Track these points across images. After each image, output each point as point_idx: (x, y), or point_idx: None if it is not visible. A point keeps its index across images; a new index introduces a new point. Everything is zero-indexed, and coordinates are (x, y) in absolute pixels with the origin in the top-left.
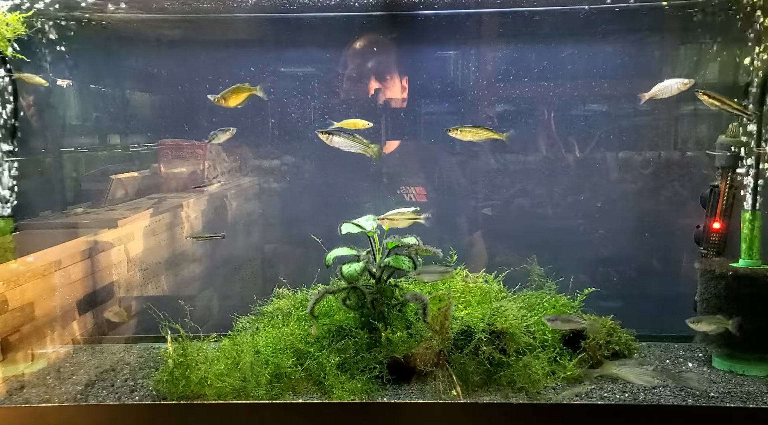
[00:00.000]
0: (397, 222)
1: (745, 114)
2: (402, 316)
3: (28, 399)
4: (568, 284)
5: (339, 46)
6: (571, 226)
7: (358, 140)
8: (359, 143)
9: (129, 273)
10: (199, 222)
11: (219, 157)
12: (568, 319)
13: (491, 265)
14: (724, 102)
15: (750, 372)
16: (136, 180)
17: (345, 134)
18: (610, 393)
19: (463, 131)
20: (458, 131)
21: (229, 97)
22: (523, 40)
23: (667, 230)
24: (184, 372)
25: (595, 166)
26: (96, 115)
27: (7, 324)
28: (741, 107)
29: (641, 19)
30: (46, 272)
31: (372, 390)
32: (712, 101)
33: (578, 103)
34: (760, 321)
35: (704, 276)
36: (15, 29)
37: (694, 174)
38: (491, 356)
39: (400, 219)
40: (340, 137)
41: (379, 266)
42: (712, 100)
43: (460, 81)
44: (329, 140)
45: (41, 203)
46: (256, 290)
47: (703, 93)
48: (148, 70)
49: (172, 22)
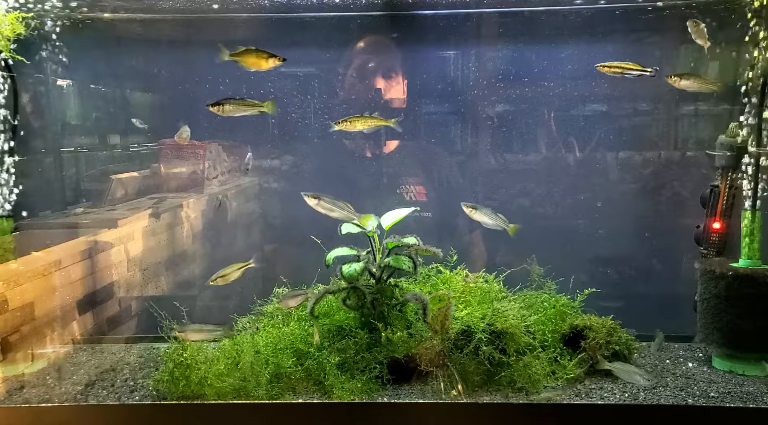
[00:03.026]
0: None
1: (714, 90)
2: (402, 316)
3: (28, 399)
4: (568, 284)
5: (339, 46)
6: (571, 226)
7: (249, 103)
8: (250, 105)
9: (129, 273)
10: (199, 222)
11: (219, 157)
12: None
13: (491, 265)
14: (697, 79)
15: (750, 372)
16: (136, 180)
17: (234, 101)
18: (610, 393)
19: (351, 122)
20: (347, 123)
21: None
22: (523, 40)
23: (667, 230)
24: (184, 372)
25: (595, 166)
26: (96, 115)
27: (7, 324)
28: (711, 82)
29: (641, 19)
30: (46, 272)
31: (372, 390)
32: (685, 83)
33: (578, 103)
34: (760, 321)
35: (704, 276)
36: (14, 29)
37: (694, 174)
38: (491, 356)
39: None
40: (231, 104)
41: (379, 266)
42: (685, 81)
43: (460, 81)
44: (221, 110)
45: (41, 203)
46: (256, 290)
47: (675, 75)
48: (148, 70)
49: (172, 22)
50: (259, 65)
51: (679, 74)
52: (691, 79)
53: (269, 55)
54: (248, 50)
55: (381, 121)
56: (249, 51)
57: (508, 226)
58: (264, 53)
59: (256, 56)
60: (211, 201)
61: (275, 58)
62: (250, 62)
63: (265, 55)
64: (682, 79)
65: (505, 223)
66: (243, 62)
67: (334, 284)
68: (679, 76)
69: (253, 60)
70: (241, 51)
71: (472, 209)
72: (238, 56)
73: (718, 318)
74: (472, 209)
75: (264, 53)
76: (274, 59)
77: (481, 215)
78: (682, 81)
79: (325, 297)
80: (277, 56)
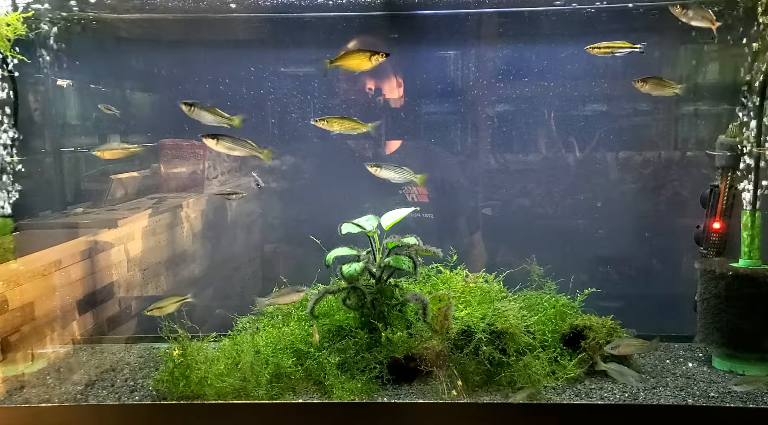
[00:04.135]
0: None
1: (676, 93)
2: (402, 316)
3: (28, 399)
4: (568, 284)
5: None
6: (571, 226)
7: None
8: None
9: (129, 273)
10: (199, 222)
11: (219, 157)
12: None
13: (491, 265)
14: (659, 82)
15: (750, 372)
16: (136, 180)
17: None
18: (610, 393)
19: (329, 121)
20: (324, 121)
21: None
22: (523, 40)
23: (667, 230)
24: (184, 372)
25: (595, 166)
26: (96, 115)
27: (7, 324)
28: (673, 85)
29: (641, 19)
30: (46, 272)
31: (372, 390)
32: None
33: (578, 103)
34: (760, 321)
35: (704, 276)
36: (15, 29)
37: (694, 174)
38: (491, 356)
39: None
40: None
41: (379, 266)
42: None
43: (460, 81)
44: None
45: (41, 203)
46: (256, 290)
47: (640, 80)
48: (148, 70)
49: (172, 22)
50: (362, 66)
51: (643, 79)
52: (652, 83)
53: (371, 53)
54: (349, 53)
55: (358, 124)
56: (350, 53)
57: (416, 177)
58: (366, 53)
59: (358, 57)
60: (212, 201)
61: (377, 54)
62: (353, 64)
63: (367, 54)
64: (647, 83)
65: (412, 174)
66: (346, 66)
67: (334, 284)
68: (644, 80)
69: (356, 61)
70: (341, 56)
71: (377, 167)
72: (340, 61)
73: (718, 318)
74: (377, 168)
75: (366, 53)
76: (376, 56)
77: (387, 173)
78: (647, 85)
79: (325, 297)
80: (379, 53)
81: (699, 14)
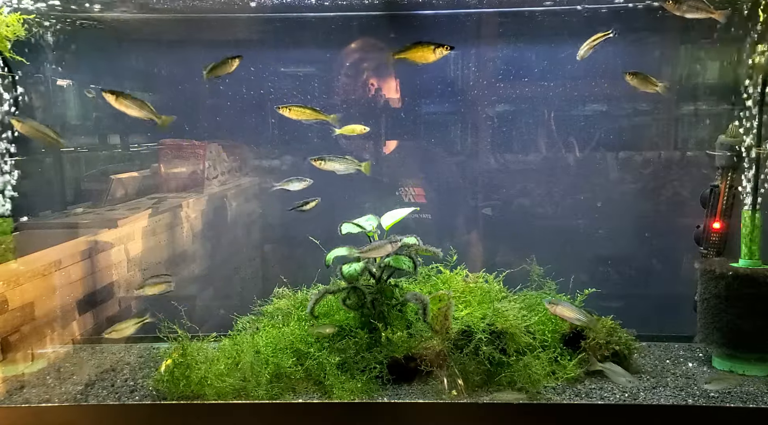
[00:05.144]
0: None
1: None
2: (402, 316)
3: (28, 399)
4: (568, 284)
5: (339, 46)
6: (571, 226)
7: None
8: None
9: (129, 273)
10: (199, 222)
11: (219, 157)
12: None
13: (491, 265)
14: (644, 79)
15: (750, 372)
16: (136, 180)
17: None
18: (610, 393)
19: (292, 110)
20: (288, 109)
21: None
22: (523, 40)
23: (667, 230)
24: (184, 372)
25: (595, 166)
26: (96, 115)
27: (7, 324)
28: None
29: (641, 19)
30: (46, 272)
31: (372, 390)
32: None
33: (578, 103)
34: (760, 321)
35: (704, 276)
36: (15, 30)
37: (694, 174)
38: (491, 356)
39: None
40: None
41: (379, 266)
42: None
43: (460, 81)
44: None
45: (41, 203)
46: (256, 290)
47: (630, 73)
48: (148, 70)
49: (172, 22)
50: (426, 58)
51: (633, 73)
52: (640, 78)
53: (436, 46)
54: (413, 45)
55: (321, 115)
56: (414, 46)
57: (360, 165)
58: (430, 45)
59: (423, 50)
60: (212, 201)
61: (442, 47)
62: (418, 57)
63: (432, 46)
64: (636, 77)
65: (356, 163)
66: (410, 58)
67: (334, 284)
68: (633, 74)
69: (420, 54)
70: (406, 48)
71: (321, 160)
72: (404, 53)
73: (718, 318)
74: (321, 161)
75: (430, 45)
76: (441, 49)
77: (331, 164)
78: (635, 79)
79: (325, 297)
80: (443, 45)
81: (693, 6)
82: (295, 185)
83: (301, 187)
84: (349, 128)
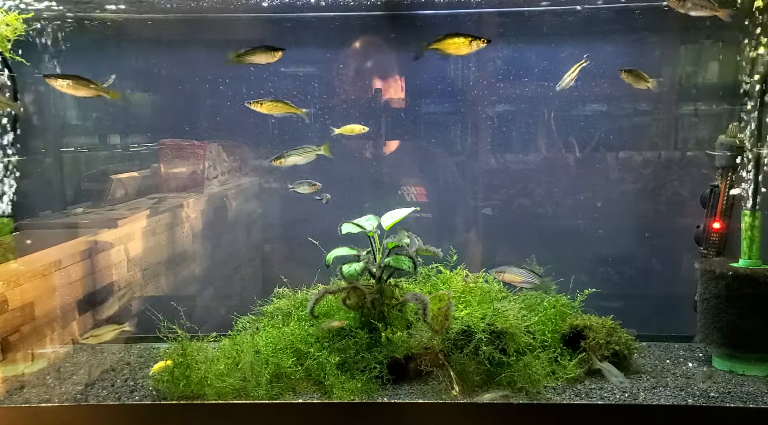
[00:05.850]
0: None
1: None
2: (402, 316)
3: (28, 399)
4: (568, 284)
5: (339, 46)
6: (571, 226)
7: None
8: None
9: (129, 273)
10: (199, 222)
11: (219, 157)
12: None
13: (492, 265)
14: (637, 77)
15: (750, 372)
16: (136, 180)
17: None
18: (610, 393)
19: (263, 104)
20: (258, 104)
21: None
22: (523, 40)
23: (667, 230)
24: (184, 372)
25: (595, 166)
26: (96, 115)
27: (7, 324)
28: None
29: (641, 19)
30: (46, 272)
31: (372, 390)
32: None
33: (578, 103)
34: (760, 321)
35: (704, 276)
36: (15, 29)
37: (694, 174)
38: (491, 356)
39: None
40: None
41: (379, 266)
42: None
43: (460, 81)
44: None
45: (41, 203)
46: (256, 290)
47: (624, 70)
48: (148, 70)
49: (172, 22)
50: (460, 50)
51: (627, 70)
52: (633, 75)
53: (472, 38)
54: (449, 36)
55: (292, 108)
56: (450, 37)
57: (320, 149)
58: (467, 37)
59: (458, 42)
60: (212, 201)
61: (478, 40)
62: (451, 49)
63: (468, 38)
64: (630, 74)
65: (315, 149)
66: (443, 49)
67: (334, 284)
68: (628, 71)
69: (455, 46)
70: (440, 39)
71: (281, 159)
72: (437, 45)
73: (718, 318)
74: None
75: (467, 37)
76: (477, 42)
77: (292, 159)
78: (630, 76)
79: (325, 297)
80: (480, 38)
81: (697, 3)
82: (305, 188)
83: (310, 191)
84: (348, 127)
